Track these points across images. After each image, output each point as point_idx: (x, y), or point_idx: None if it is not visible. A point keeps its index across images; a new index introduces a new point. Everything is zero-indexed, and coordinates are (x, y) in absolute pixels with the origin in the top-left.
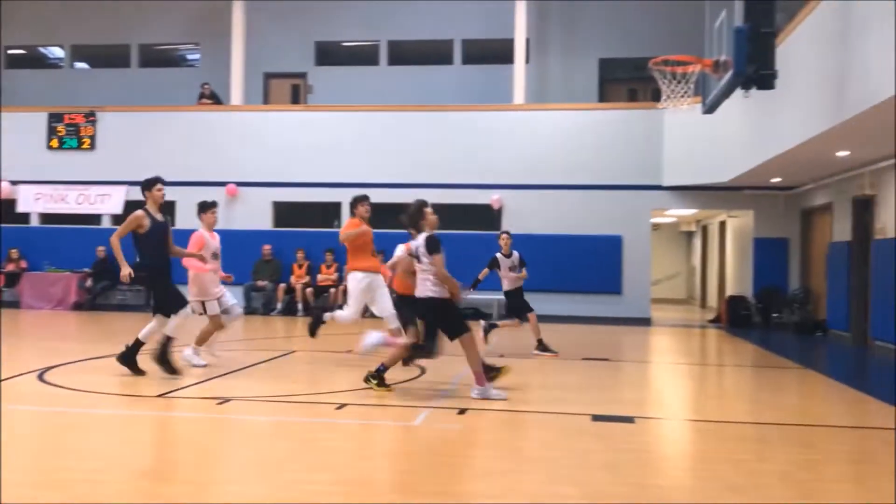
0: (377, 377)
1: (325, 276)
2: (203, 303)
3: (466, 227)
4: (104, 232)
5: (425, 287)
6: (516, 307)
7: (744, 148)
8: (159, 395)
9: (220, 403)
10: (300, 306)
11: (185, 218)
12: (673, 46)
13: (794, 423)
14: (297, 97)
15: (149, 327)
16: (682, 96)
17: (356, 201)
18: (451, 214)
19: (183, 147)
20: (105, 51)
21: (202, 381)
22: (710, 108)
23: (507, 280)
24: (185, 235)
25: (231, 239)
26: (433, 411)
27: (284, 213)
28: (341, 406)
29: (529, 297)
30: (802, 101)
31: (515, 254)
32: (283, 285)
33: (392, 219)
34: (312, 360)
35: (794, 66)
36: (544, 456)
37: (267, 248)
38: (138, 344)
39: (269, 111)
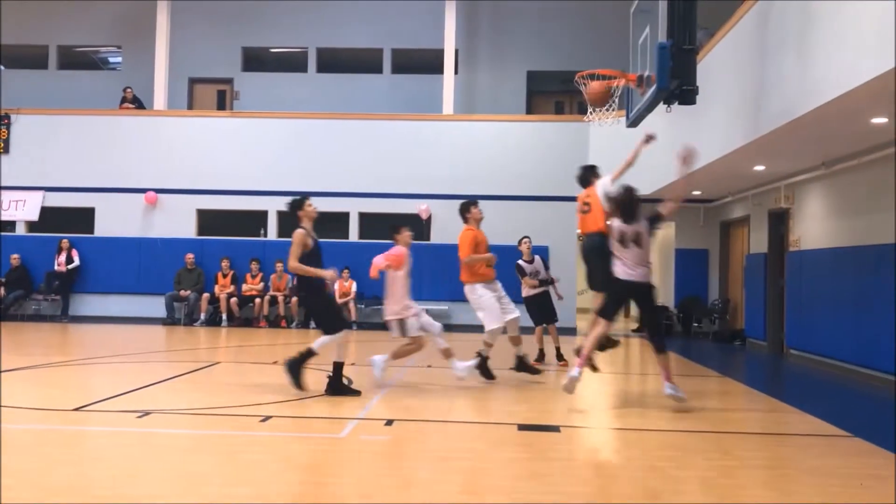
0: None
1: (251, 285)
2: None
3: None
4: (18, 239)
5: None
6: (541, 313)
7: (666, 161)
8: (75, 409)
9: (140, 416)
10: (224, 316)
11: (104, 225)
12: (599, 61)
13: (713, 430)
14: (222, 103)
15: (322, 340)
16: (607, 110)
17: (467, 206)
18: (378, 223)
19: (103, 152)
20: (22, 51)
21: (121, 394)
22: (633, 122)
23: (527, 286)
24: (107, 243)
25: (151, 247)
26: (360, 423)
27: (209, 221)
28: (266, 419)
29: (456, 308)
30: (722, 116)
31: (537, 258)
32: (206, 295)
33: (317, 227)
34: (236, 372)
35: (714, 83)
36: (471, 466)
37: (190, 256)
38: (309, 354)
39: (193, 117)
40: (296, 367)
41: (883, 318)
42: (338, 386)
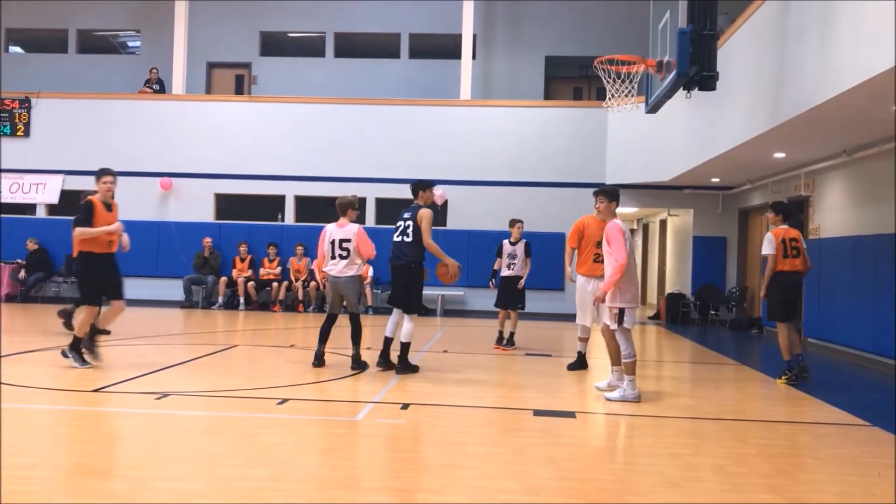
0: None
1: (268, 269)
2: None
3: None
4: (39, 222)
5: None
6: (507, 297)
7: (685, 148)
8: (94, 391)
9: (159, 398)
10: (241, 300)
11: (123, 209)
12: (618, 46)
13: (730, 417)
14: (240, 88)
15: (406, 327)
16: (626, 95)
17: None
18: (394, 209)
19: (122, 136)
20: (41, 35)
21: (139, 376)
22: (652, 108)
23: (505, 267)
24: (126, 227)
25: (170, 230)
26: (376, 406)
27: (226, 205)
28: (283, 401)
29: (473, 293)
30: (742, 103)
31: (522, 243)
32: (224, 279)
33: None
34: (253, 355)
35: (734, 69)
36: (486, 451)
37: (207, 240)
38: (405, 346)
39: (211, 101)
40: (406, 364)
41: None
42: (406, 360)
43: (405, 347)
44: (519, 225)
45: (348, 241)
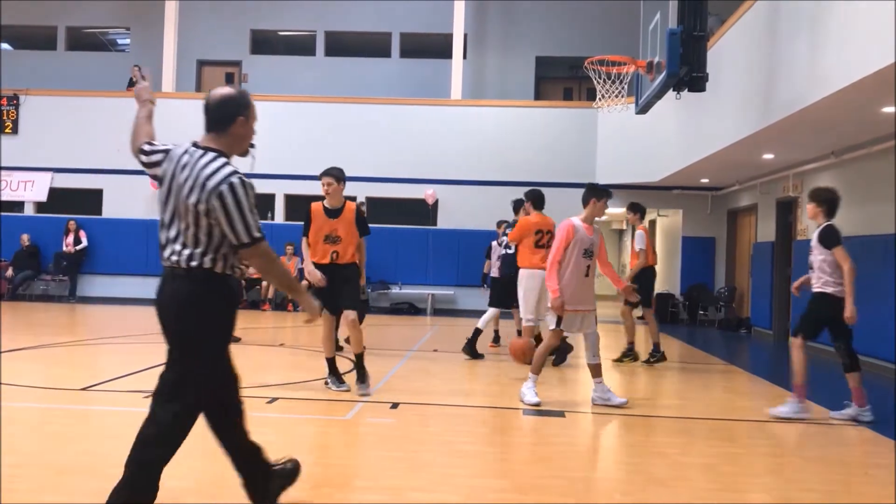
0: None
1: None
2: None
3: (400, 221)
4: (26, 220)
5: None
6: (500, 296)
7: (674, 149)
8: (83, 389)
9: (147, 397)
10: None
11: (112, 207)
12: (608, 47)
13: (718, 417)
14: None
15: (486, 316)
16: (616, 96)
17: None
18: (385, 208)
19: (111, 134)
20: (31, 32)
21: (128, 375)
22: (642, 109)
23: (495, 267)
24: (115, 225)
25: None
26: (366, 405)
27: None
28: (272, 400)
29: (463, 292)
30: (731, 104)
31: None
32: None
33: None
34: (243, 354)
35: (724, 70)
36: (476, 450)
37: None
38: (478, 332)
39: (201, 99)
40: (472, 349)
41: (889, 308)
42: (473, 346)
43: (478, 333)
44: (505, 226)
45: None
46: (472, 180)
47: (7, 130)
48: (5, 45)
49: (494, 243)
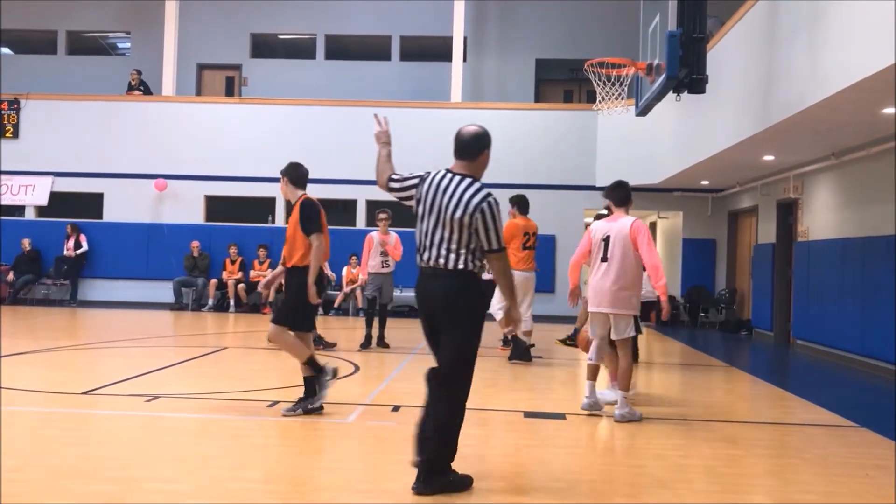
0: None
1: (258, 272)
2: None
3: (401, 224)
4: (28, 224)
5: None
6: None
7: (675, 150)
8: (84, 393)
9: (149, 401)
10: (232, 302)
11: (113, 211)
12: (608, 49)
13: (719, 419)
14: (231, 90)
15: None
16: (616, 98)
17: None
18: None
19: (111, 138)
20: (31, 36)
21: (129, 379)
22: (642, 111)
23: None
24: (115, 229)
25: (159, 232)
26: (366, 408)
27: (216, 207)
28: (273, 403)
29: None
30: (731, 105)
31: None
32: (214, 281)
33: (326, 214)
34: (244, 358)
35: (723, 72)
36: (476, 452)
37: (195, 244)
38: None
39: (201, 103)
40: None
41: (890, 310)
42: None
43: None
44: None
45: None
46: None
47: (8, 135)
48: (6, 50)
49: None
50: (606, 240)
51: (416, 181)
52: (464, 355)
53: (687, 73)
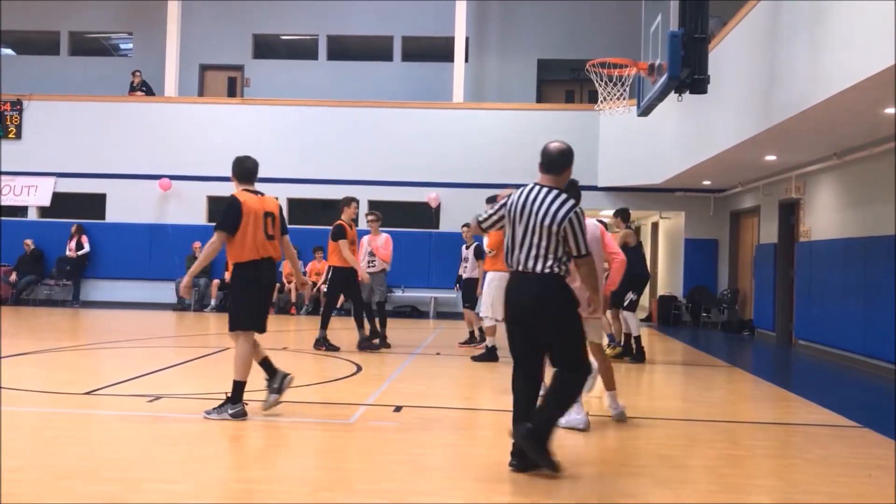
0: None
1: None
2: None
3: (403, 224)
4: (30, 224)
5: None
6: (468, 296)
7: (676, 151)
8: (86, 393)
9: (151, 401)
10: None
11: (115, 212)
12: (610, 49)
13: (721, 419)
14: (233, 90)
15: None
16: (618, 99)
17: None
18: (388, 211)
19: (114, 139)
20: (33, 37)
21: (132, 379)
22: (644, 111)
23: (462, 269)
24: (118, 229)
25: (162, 233)
26: (369, 409)
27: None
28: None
29: None
30: (733, 105)
31: (474, 245)
32: (216, 281)
33: (328, 215)
34: None
35: (725, 72)
36: (478, 453)
37: (197, 244)
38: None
39: (204, 104)
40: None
41: (892, 310)
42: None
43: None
44: (465, 229)
45: None
46: (474, 183)
47: (10, 135)
48: (8, 51)
49: (463, 247)
50: None
51: (502, 211)
52: (578, 341)
53: (689, 74)
